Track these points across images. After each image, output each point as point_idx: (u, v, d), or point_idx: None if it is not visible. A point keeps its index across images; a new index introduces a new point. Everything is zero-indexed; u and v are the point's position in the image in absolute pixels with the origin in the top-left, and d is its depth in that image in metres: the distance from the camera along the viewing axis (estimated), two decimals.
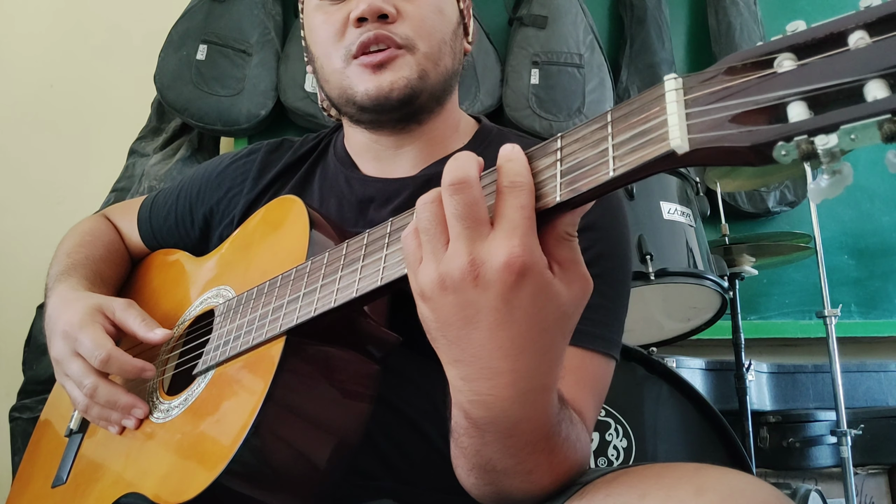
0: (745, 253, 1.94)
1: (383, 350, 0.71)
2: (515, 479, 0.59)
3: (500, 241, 0.47)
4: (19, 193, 2.20)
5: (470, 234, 0.48)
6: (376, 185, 0.89)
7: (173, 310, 0.90)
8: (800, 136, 0.39)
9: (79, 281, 0.92)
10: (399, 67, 0.82)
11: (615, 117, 0.48)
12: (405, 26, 0.83)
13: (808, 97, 0.39)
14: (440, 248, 0.49)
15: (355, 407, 0.69)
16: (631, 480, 0.55)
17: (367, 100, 0.83)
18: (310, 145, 0.99)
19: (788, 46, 0.41)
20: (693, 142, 0.42)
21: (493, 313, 0.49)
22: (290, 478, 0.66)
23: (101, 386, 0.78)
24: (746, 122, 0.41)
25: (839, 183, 0.39)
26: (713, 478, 0.51)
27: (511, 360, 0.50)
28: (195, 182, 1.02)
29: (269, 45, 2.23)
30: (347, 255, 0.64)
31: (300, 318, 0.65)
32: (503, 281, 0.47)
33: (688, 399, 1.45)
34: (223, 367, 0.73)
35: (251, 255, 0.83)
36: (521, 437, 0.55)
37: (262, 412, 0.63)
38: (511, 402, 0.52)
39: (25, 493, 0.92)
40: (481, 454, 0.57)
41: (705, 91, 0.43)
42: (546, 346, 0.51)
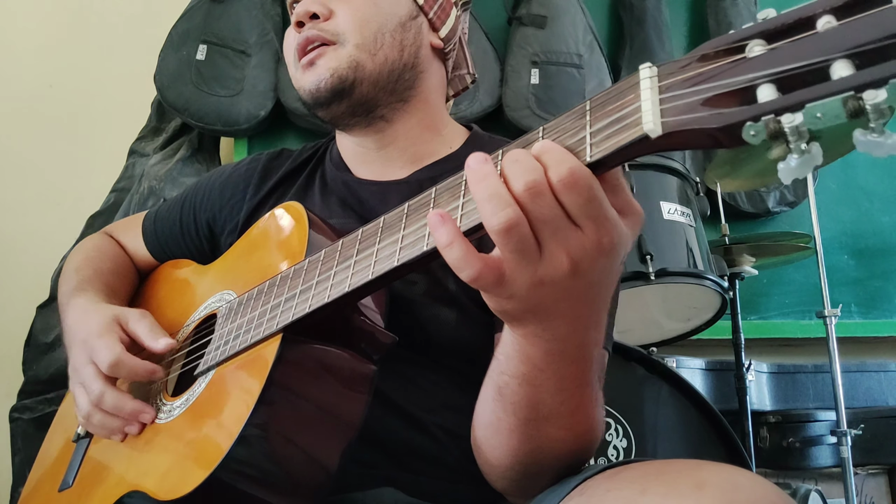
0: (745, 253, 1.94)
1: (379, 350, 0.72)
2: (555, 427, 0.62)
3: (591, 238, 0.49)
4: (19, 193, 2.20)
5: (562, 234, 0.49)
6: (371, 188, 0.92)
7: (179, 316, 0.92)
8: (767, 116, 0.40)
9: (95, 294, 0.94)
10: (327, 60, 0.87)
11: (593, 105, 0.50)
12: (336, 22, 0.88)
13: (777, 79, 0.40)
14: (534, 257, 0.50)
15: (351, 404, 0.70)
16: (631, 475, 0.55)
17: (307, 95, 0.88)
18: (308, 153, 1.02)
19: (759, 32, 0.42)
20: (666, 125, 0.44)
21: (588, 286, 0.53)
22: (286, 473, 0.67)
23: (108, 392, 0.80)
24: (718, 105, 0.42)
25: (808, 162, 0.40)
26: (714, 473, 0.51)
27: (591, 304, 0.56)
28: (198, 191, 1.05)
29: (268, 46, 2.23)
30: (342, 252, 0.66)
31: (296, 315, 0.66)
32: (600, 265, 0.51)
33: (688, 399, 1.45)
34: (223, 366, 0.74)
35: (253, 259, 0.84)
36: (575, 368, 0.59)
37: (257, 409, 0.63)
38: (584, 329, 0.57)
39: (33, 500, 0.94)
40: (532, 399, 0.60)
41: (679, 77, 0.45)
42: (615, 279, 0.57)
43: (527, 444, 0.63)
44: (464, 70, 1.03)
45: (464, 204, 0.55)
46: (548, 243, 0.50)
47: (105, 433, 0.82)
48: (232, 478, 0.64)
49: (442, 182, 0.59)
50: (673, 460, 0.57)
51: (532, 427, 0.62)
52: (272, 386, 0.65)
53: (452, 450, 0.79)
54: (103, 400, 0.79)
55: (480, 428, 0.68)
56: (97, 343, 0.82)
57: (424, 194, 0.60)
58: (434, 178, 0.89)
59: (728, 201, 2.35)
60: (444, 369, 0.81)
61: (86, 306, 0.91)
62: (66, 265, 1.06)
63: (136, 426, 0.79)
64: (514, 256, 0.50)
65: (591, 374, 0.62)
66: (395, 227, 0.61)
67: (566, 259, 0.49)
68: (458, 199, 0.55)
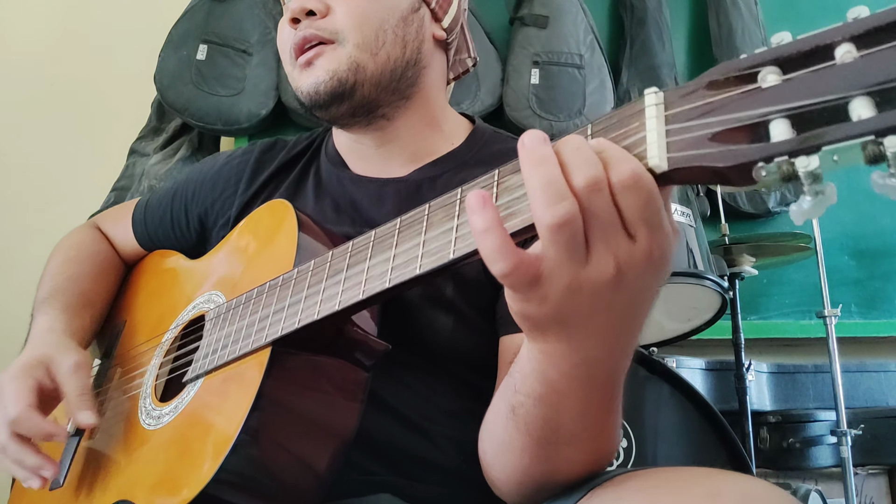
0: (745, 253, 1.94)
1: (372, 358, 0.71)
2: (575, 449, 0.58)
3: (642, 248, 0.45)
4: (19, 193, 2.20)
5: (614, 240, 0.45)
6: (369, 186, 0.89)
7: (167, 313, 0.90)
8: (780, 158, 0.37)
9: (56, 315, 0.91)
10: (326, 61, 0.82)
11: (595, 130, 0.46)
12: (334, 20, 0.82)
13: (791, 115, 0.37)
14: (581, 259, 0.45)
15: (344, 413, 0.69)
16: (641, 484, 0.54)
17: (305, 97, 0.84)
18: (303, 145, 0.98)
19: (773, 59, 0.40)
20: (672, 161, 0.41)
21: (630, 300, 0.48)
22: (278, 485, 0.66)
23: (10, 444, 0.77)
24: (727, 141, 0.39)
25: (822, 203, 0.38)
26: (726, 483, 0.50)
27: (628, 324, 0.51)
28: (189, 183, 1.01)
29: (269, 45, 2.23)
30: (332, 265, 0.64)
31: (284, 330, 0.65)
32: (646, 278, 0.47)
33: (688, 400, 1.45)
34: (211, 375, 0.73)
35: (242, 260, 0.83)
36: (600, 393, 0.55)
37: (248, 423, 0.63)
38: (615, 358, 0.53)
39: (25, 496, 0.93)
40: (551, 422, 0.56)
41: (686, 107, 0.42)
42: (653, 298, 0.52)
43: (541, 464, 0.60)
44: (464, 54, 0.97)
45: (458, 226, 0.52)
46: (597, 246, 0.45)
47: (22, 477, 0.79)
48: (222, 492, 0.63)
49: (437, 199, 0.56)
50: (683, 468, 0.56)
51: (548, 449, 0.59)
52: (262, 399, 0.64)
53: (451, 455, 0.77)
54: (7, 451, 0.77)
55: (490, 443, 0.65)
56: (7, 387, 0.79)
57: (417, 211, 0.57)
58: (433, 177, 0.87)
59: (728, 201, 2.35)
60: (441, 374, 0.80)
61: (37, 335, 0.88)
62: (46, 265, 1.03)
63: (38, 481, 0.77)
64: (559, 255, 0.45)
65: (618, 399, 0.58)
66: (387, 244, 0.58)
67: (613, 265, 0.45)
68: (453, 220, 0.52)
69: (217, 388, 0.71)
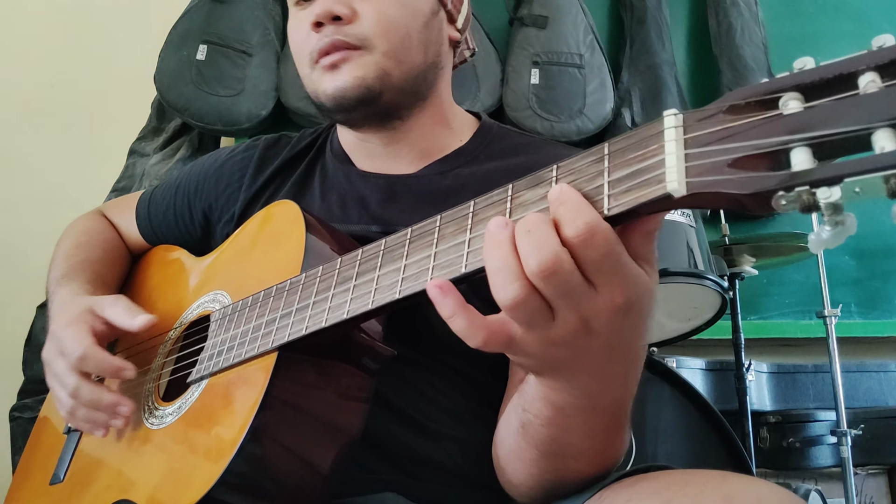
0: (745, 253, 1.94)
1: (378, 362, 0.71)
2: (583, 462, 0.60)
3: (604, 297, 0.46)
4: (19, 193, 2.20)
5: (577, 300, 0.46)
6: (377, 181, 0.89)
7: (171, 311, 0.90)
8: (801, 188, 0.37)
9: (81, 285, 0.91)
10: (354, 67, 0.81)
11: (612, 150, 0.46)
12: (361, 26, 0.81)
13: (812, 143, 0.37)
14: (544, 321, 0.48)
15: (349, 417, 0.69)
16: (653, 486, 0.54)
17: (328, 100, 0.83)
18: (307, 140, 0.98)
19: (795, 85, 0.39)
20: (690, 185, 0.41)
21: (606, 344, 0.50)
22: (282, 488, 0.66)
23: (83, 385, 0.77)
24: (747, 168, 0.39)
25: (841, 234, 0.37)
26: (740, 486, 0.50)
27: (622, 361, 0.53)
28: (193, 177, 1.00)
29: (269, 46, 2.23)
30: (340, 272, 0.63)
31: (291, 336, 0.64)
32: (614, 324, 0.48)
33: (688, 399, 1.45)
34: (216, 377, 0.73)
35: (248, 260, 0.82)
36: (607, 417, 0.57)
37: (253, 428, 0.63)
38: (617, 389, 0.55)
39: (24, 488, 0.93)
40: (559, 441, 0.59)
41: (705, 131, 0.41)
42: (645, 331, 0.53)
43: (549, 474, 0.62)
44: (464, 46, 0.97)
45: (470, 240, 0.52)
46: (559, 309, 0.47)
47: (90, 427, 0.79)
48: (226, 495, 0.63)
49: (448, 212, 0.56)
50: (697, 471, 0.56)
51: (556, 462, 0.61)
52: (268, 404, 0.64)
53: (455, 454, 0.77)
54: (80, 393, 0.77)
55: (502, 449, 0.67)
56: (65, 334, 0.79)
57: (428, 222, 0.57)
58: (444, 172, 0.87)
59: None
60: (447, 371, 0.79)
61: (66, 298, 0.88)
62: (56, 248, 1.03)
63: (121, 420, 0.77)
64: (522, 326, 0.48)
65: (625, 420, 0.59)
66: (397, 254, 0.58)
67: (577, 320, 0.47)
68: (465, 234, 0.53)
69: (222, 390, 0.71)
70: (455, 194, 0.85)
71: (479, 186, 0.84)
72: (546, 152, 0.89)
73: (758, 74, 2.42)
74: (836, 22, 2.62)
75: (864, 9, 2.65)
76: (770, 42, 2.50)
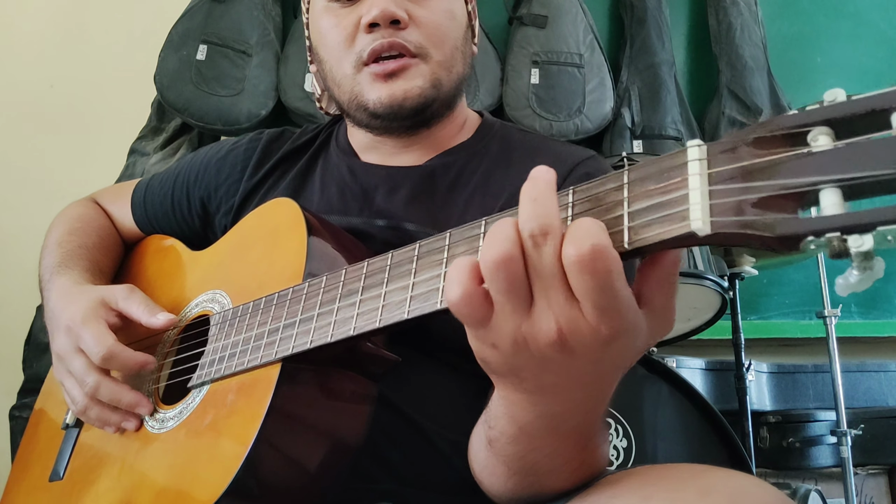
0: (745, 253, 1.94)
1: (382, 368, 0.70)
2: (556, 477, 0.59)
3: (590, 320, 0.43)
4: (19, 193, 2.20)
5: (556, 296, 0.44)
6: (381, 173, 0.88)
7: (168, 307, 0.88)
8: (832, 233, 0.35)
9: (80, 273, 0.90)
10: (412, 76, 0.80)
11: (632, 179, 0.44)
12: (418, 33, 0.81)
13: (843, 185, 0.35)
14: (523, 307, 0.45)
15: (352, 425, 0.69)
16: (634, 482, 0.54)
17: (380, 107, 0.81)
18: (310, 135, 0.98)
19: (824, 120, 0.37)
20: (715, 225, 0.39)
21: (577, 369, 0.47)
22: (285, 497, 0.66)
23: (105, 383, 0.76)
24: (773, 208, 0.37)
25: (869, 279, 0.36)
26: (718, 479, 0.50)
27: (588, 390, 0.50)
28: (193, 167, 0.99)
29: (268, 46, 2.24)
30: (345, 284, 0.62)
31: (296, 349, 0.64)
32: (593, 351, 0.45)
33: (688, 399, 1.45)
34: (217, 384, 0.72)
35: (248, 259, 0.81)
36: (574, 438, 0.55)
37: (258, 440, 0.62)
38: (578, 414, 0.52)
39: (23, 482, 0.92)
40: (527, 459, 0.57)
41: (731, 166, 0.39)
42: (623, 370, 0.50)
43: (524, 489, 0.61)
44: None
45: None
46: (539, 299, 0.44)
47: (101, 425, 0.79)
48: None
49: (458, 229, 0.54)
50: (675, 465, 0.56)
51: (529, 478, 0.59)
52: (272, 415, 0.63)
53: (455, 462, 0.76)
54: (100, 391, 0.76)
55: (476, 463, 0.65)
56: (83, 331, 0.77)
57: (437, 237, 0.55)
58: (447, 163, 0.87)
59: None
60: (447, 369, 0.78)
61: (69, 287, 0.86)
62: (48, 234, 1.00)
63: (134, 421, 0.76)
64: (500, 297, 0.45)
65: (596, 439, 0.57)
66: (405, 269, 0.56)
67: (554, 326, 0.44)
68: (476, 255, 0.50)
69: (224, 398, 0.70)
70: (455, 188, 0.85)
71: (478, 181, 0.86)
72: (546, 149, 0.89)
73: (757, 74, 2.42)
74: (834, 21, 2.62)
75: (863, 8, 2.65)
76: (768, 41, 2.50)
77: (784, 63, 2.50)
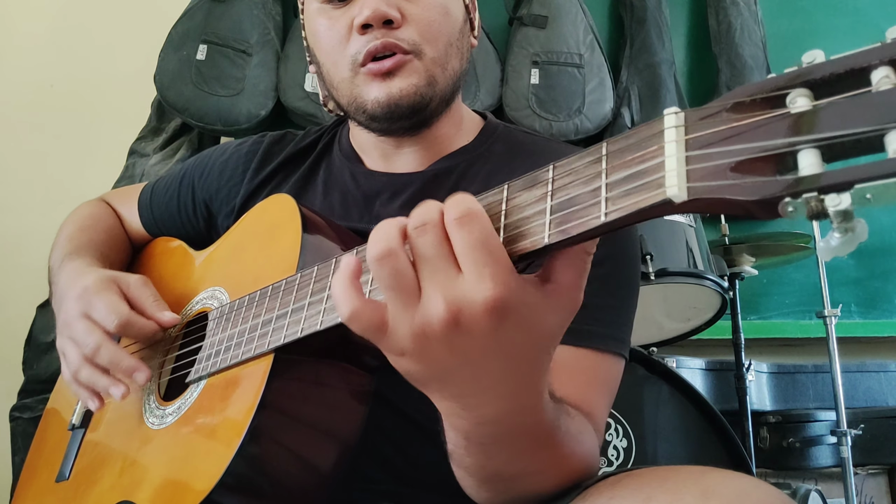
0: (745, 253, 1.94)
1: (378, 359, 0.70)
2: (527, 482, 0.58)
3: (471, 285, 0.44)
4: (19, 193, 2.21)
5: (440, 276, 0.44)
6: (382, 180, 0.88)
7: (171, 306, 0.88)
8: (809, 194, 0.35)
9: (91, 260, 0.91)
10: (408, 74, 0.80)
11: (610, 150, 0.43)
12: (411, 30, 0.80)
13: (821, 145, 0.35)
14: (412, 300, 0.46)
15: (348, 417, 0.69)
16: (635, 483, 0.54)
17: (377, 108, 0.81)
18: (312, 138, 0.98)
19: (803, 81, 0.36)
20: (692, 191, 0.38)
21: (482, 350, 0.46)
22: (282, 490, 0.66)
23: (106, 344, 0.76)
24: (751, 172, 0.36)
25: (852, 241, 0.36)
26: (719, 481, 0.50)
27: (510, 382, 0.50)
28: (197, 169, 1.00)
29: (269, 46, 2.24)
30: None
31: (287, 338, 0.64)
32: (485, 323, 0.44)
33: (688, 399, 1.45)
34: (214, 378, 0.73)
35: (245, 255, 0.82)
36: (524, 440, 0.54)
37: (250, 430, 0.62)
38: (514, 414, 0.52)
39: (32, 484, 0.93)
40: (487, 468, 0.57)
41: (708, 131, 0.39)
42: (539, 357, 0.50)
43: (500, 495, 0.60)
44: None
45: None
46: (426, 285, 0.45)
47: (87, 393, 0.78)
48: (225, 497, 0.63)
49: None
50: (677, 467, 0.56)
51: (500, 485, 0.59)
52: (265, 406, 0.63)
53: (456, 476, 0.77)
54: (98, 353, 0.75)
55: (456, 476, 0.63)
56: (96, 299, 0.77)
57: None
58: (450, 167, 0.87)
59: None
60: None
61: (80, 268, 0.86)
62: (59, 233, 1.01)
63: (121, 387, 0.75)
64: (388, 292, 0.46)
65: (553, 436, 0.56)
66: None
67: (442, 304, 0.44)
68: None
69: (220, 391, 0.71)
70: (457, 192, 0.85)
71: (480, 185, 0.85)
72: (549, 151, 0.89)
73: (756, 73, 2.42)
74: (833, 19, 2.62)
75: (862, 6, 2.65)
76: (768, 40, 2.50)
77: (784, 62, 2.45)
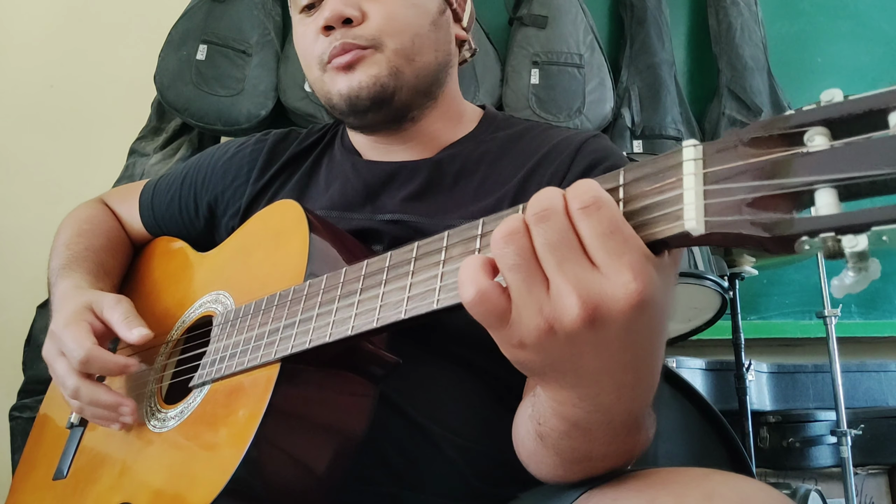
0: (745, 253, 1.94)
1: (383, 370, 0.70)
2: (609, 462, 0.58)
3: (610, 279, 0.42)
4: (19, 193, 2.20)
5: (572, 267, 0.42)
6: (385, 168, 0.88)
7: (173, 308, 0.89)
8: (826, 234, 0.35)
9: (82, 276, 0.91)
10: (368, 66, 0.81)
11: (627, 180, 0.44)
12: (371, 27, 0.82)
13: (839, 185, 0.35)
14: (537, 286, 0.43)
15: (352, 426, 0.69)
16: (638, 485, 0.54)
17: (341, 100, 0.83)
18: (315, 136, 0.98)
19: (821, 120, 0.37)
20: (709, 225, 0.39)
21: (617, 343, 0.45)
22: (283, 497, 0.66)
23: (83, 386, 0.77)
24: (768, 208, 0.37)
25: (865, 280, 0.36)
26: (722, 483, 0.50)
27: (636, 370, 0.49)
28: (200, 169, 1.00)
29: (268, 46, 2.24)
30: (344, 285, 0.63)
31: (295, 349, 0.64)
32: (625, 318, 0.42)
33: (688, 399, 1.45)
34: (218, 384, 0.72)
35: (251, 261, 0.82)
36: (627, 425, 0.54)
37: (256, 439, 0.62)
38: (628, 400, 0.51)
39: (29, 481, 0.93)
40: (580, 450, 0.56)
41: (726, 165, 0.39)
42: (662, 340, 0.50)
43: (576, 474, 0.60)
44: (465, 46, 0.98)
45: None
46: (554, 276, 0.43)
47: (103, 423, 0.80)
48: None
49: (455, 230, 0.53)
50: (680, 469, 0.55)
51: (581, 465, 0.58)
52: (271, 415, 0.63)
53: (461, 468, 0.75)
54: (80, 394, 0.77)
55: (523, 450, 0.63)
56: (65, 334, 0.78)
57: (435, 239, 0.55)
58: (453, 154, 0.87)
59: None
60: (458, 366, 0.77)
61: (67, 292, 0.87)
62: (57, 236, 1.01)
63: (128, 417, 0.77)
64: (514, 275, 0.43)
65: (645, 421, 0.56)
66: (403, 271, 0.56)
67: (576, 300, 0.42)
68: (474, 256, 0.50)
69: (224, 398, 0.70)
70: (461, 177, 0.85)
71: (487, 167, 0.85)
72: (549, 136, 0.88)
73: (757, 74, 2.42)
74: (834, 21, 2.63)
75: (863, 8, 2.65)
76: (769, 41, 2.50)
77: (784, 63, 2.50)
